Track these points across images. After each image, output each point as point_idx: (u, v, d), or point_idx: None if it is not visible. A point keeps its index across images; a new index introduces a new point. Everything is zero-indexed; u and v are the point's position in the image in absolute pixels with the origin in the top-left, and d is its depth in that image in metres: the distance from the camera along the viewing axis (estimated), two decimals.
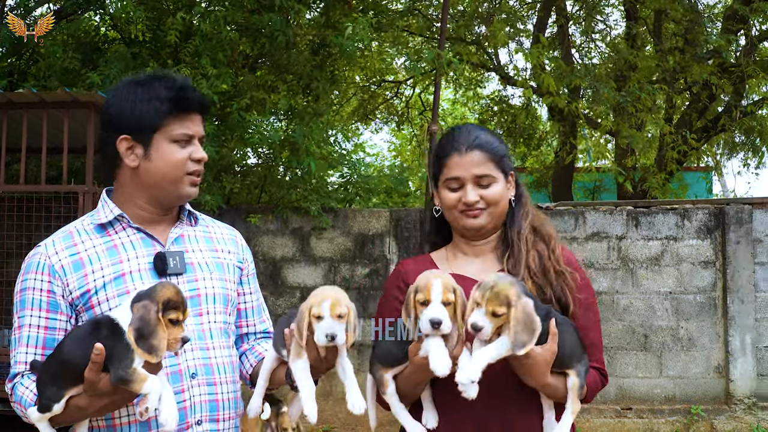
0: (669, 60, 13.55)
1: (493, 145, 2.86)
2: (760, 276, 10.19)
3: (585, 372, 2.57)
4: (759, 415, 9.92)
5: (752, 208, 10.34)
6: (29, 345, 2.57)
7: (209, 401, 2.68)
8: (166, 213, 2.80)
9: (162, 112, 2.64)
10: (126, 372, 2.25)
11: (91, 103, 7.68)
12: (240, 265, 2.99)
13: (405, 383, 2.67)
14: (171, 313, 2.32)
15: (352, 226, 10.31)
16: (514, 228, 2.87)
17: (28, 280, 2.63)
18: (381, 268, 10.19)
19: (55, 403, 2.37)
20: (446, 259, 2.96)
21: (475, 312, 2.41)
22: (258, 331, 3.06)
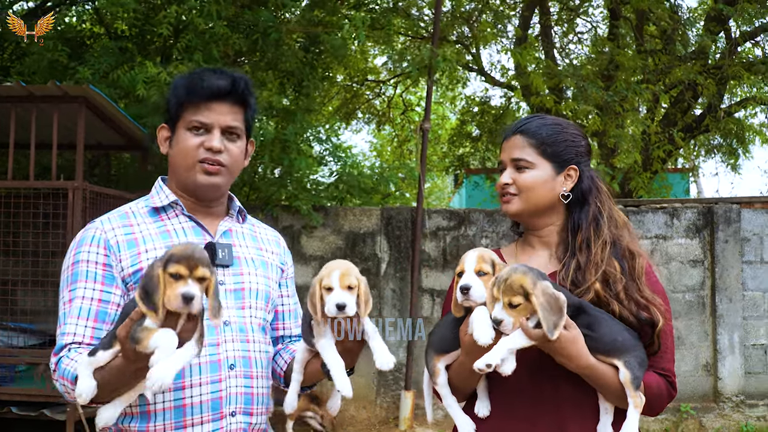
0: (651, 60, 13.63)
1: (540, 131, 2.77)
2: (747, 275, 10.31)
3: (638, 365, 2.49)
4: (747, 413, 10.01)
5: (740, 207, 10.45)
6: (80, 317, 2.51)
7: (245, 393, 2.66)
8: (205, 204, 2.78)
9: (179, 100, 2.68)
10: (135, 330, 2.16)
11: (82, 98, 7.58)
12: (282, 266, 2.99)
13: (458, 372, 2.63)
14: (170, 267, 2.18)
15: (342, 225, 10.27)
16: (570, 227, 2.78)
17: (82, 253, 2.59)
18: (372, 267, 10.16)
19: (103, 349, 2.30)
20: (514, 252, 2.90)
21: (495, 306, 2.38)
22: (293, 334, 3.02)
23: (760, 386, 10.27)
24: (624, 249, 2.71)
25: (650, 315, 2.58)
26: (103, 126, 8.38)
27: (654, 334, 2.59)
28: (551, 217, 2.80)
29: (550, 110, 12.62)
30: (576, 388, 2.57)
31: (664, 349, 2.65)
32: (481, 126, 17.85)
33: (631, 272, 2.66)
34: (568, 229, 2.78)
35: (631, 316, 2.56)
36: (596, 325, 2.48)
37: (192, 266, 2.20)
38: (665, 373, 2.66)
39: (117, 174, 10.98)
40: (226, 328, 2.64)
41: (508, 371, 2.38)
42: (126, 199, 8.70)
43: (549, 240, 2.82)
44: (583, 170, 2.79)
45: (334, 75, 14.53)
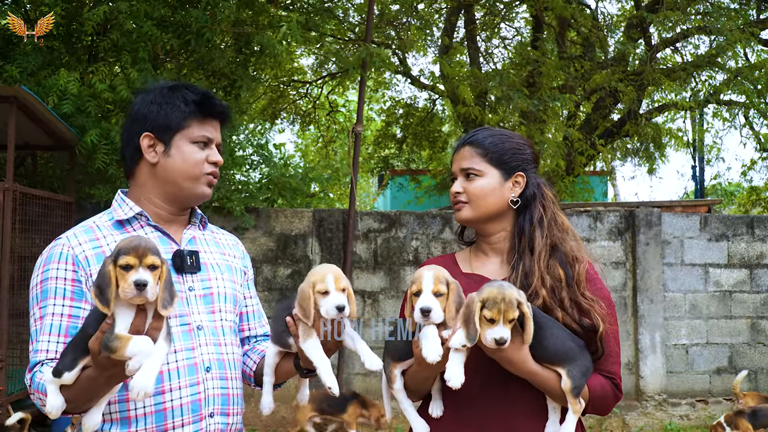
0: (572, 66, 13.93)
1: (487, 141, 2.89)
2: (668, 276, 10.66)
3: (581, 375, 2.59)
4: (669, 411, 10.33)
5: (661, 211, 10.79)
6: (51, 333, 2.54)
7: (222, 395, 2.73)
8: (181, 213, 2.85)
9: (186, 114, 2.73)
10: (108, 338, 2.16)
11: (14, 98, 7.42)
12: (244, 269, 3.07)
13: (412, 378, 2.73)
14: (120, 260, 2.19)
15: (274, 227, 10.27)
16: (515, 232, 2.88)
17: (51, 270, 2.60)
18: (303, 269, 10.16)
19: (67, 370, 2.31)
20: (468, 259, 3.00)
21: (496, 328, 2.44)
22: (259, 334, 3.11)
23: (682, 385, 10.64)
24: (568, 255, 2.81)
25: (592, 321, 2.68)
26: (31, 126, 8.22)
27: (597, 339, 2.68)
28: (501, 223, 2.90)
29: (476, 120, 12.81)
30: (525, 390, 2.67)
31: (609, 352, 2.75)
32: (406, 128, 18.00)
33: (577, 278, 2.76)
34: (514, 234, 2.88)
35: (574, 323, 2.67)
36: (543, 332, 2.57)
37: (141, 254, 2.22)
38: (610, 376, 2.76)
39: (42, 174, 10.76)
40: (200, 332, 2.69)
41: (458, 385, 2.47)
42: (55, 200, 8.59)
43: (500, 246, 2.92)
44: (530, 177, 2.90)
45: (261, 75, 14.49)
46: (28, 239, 8.24)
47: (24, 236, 8.12)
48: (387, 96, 19.48)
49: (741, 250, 10.89)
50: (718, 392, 10.76)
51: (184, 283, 2.71)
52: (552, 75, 13.03)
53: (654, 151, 17.08)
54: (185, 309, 2.69)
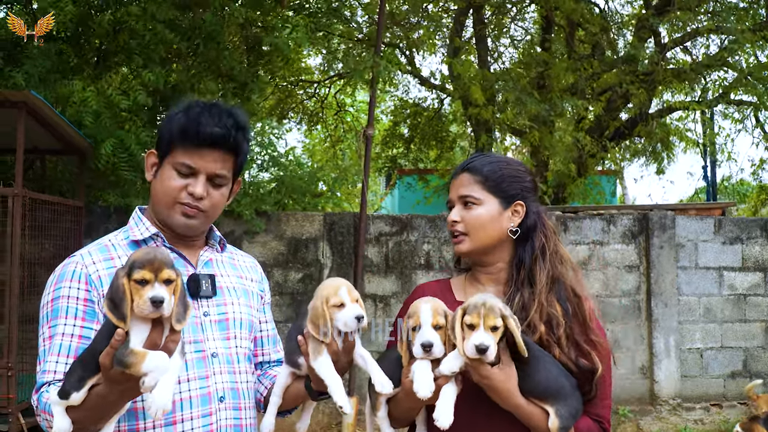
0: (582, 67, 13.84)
1: (486, 168, 2.80)
2: (682, 280, 10.55)
3: (570, 415, 2.50)
4: (684, 416, 10.25)
5: (675, 214, 10.69)
6: (60, 354, 2.44)
7: (234, 426, 2.64)
8: (182, 239, 2.73)
9: (171, 138, 2.62)
10: (122, 353, 2.10)
11: (23, 103, 7.35)
12: (261, 293, 2.98)
13: (397, 407, 2.65)
14: (135, 274, 2.13)
15: (285, 230, 10.19)
16: (514, 263, 2.79)
17: (63, 288, 2.51)
18: (315, 273, 10.09)
19: (75, 390, 2.23)
20: (462, 286, 2.92)
21: (475, 334, 2.38)
22: (272, 360, 3.01)
23: (696, 389, 10.54)
24: (568, 290, 2.72)
25: (590, 362, 2.60)
26: (40, 130, 8.16)
27: (593, 381, 2.61)
28: (500, 253, 2.81)
29: (488, 121, 12.73)
30: (511, 427, 2.58)
31: (602, 396, 2.67)
32: (414, 128, 17.91)
33: (576, 315, 2.67)
34: (513, 265, 2.79)
35: (570, 362, 2.58)
36: (536, 365, 2.49)
37: (157, 269, 2.15)
38: (598, 419, 2.68)
39: (51, 178, 10.68)
40: (214, 360, 2.61)
41: (447, 426, 2.40)
42: (64, 205, 8.51)
43: (497, 276, 2.83)
44: (529, 206, 2.81)
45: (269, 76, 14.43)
46: (37, 245, 8.17)
47: (33, 242, 8.05)
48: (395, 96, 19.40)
49: (755, 253, 10.78)
50: (733, 396, 10.63)
51: (199, 308, 2.63)
52: (561, 76, 12.93)
53: (662, 151, 16.99)
54: (200, 335, 2.60)
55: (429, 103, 18.35)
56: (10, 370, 7.28)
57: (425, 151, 19.37)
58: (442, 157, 18.80)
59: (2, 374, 7.32)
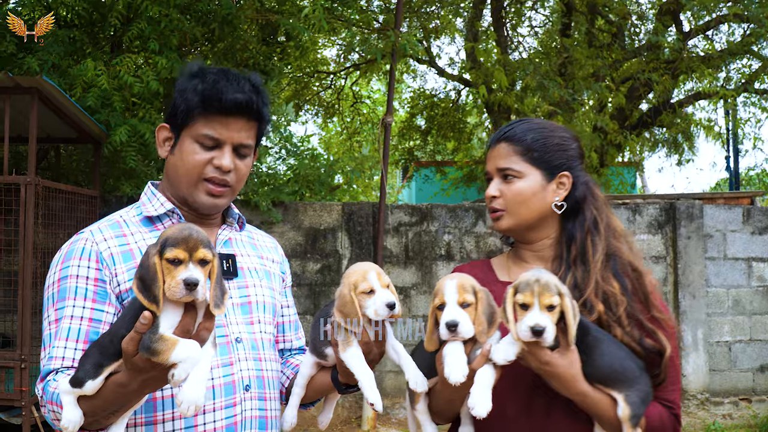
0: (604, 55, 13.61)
1: (527, 137, 2.56)
2: (711, 271, 10.32)
3: (641, 402, 2.27)
4: (712, 411, 10.03)
5: (702, 203, 10.44)
6: (69, 339, 2.23)
7: (259, 417, 2.44)
8: (199, 217, 2.53)
9: (191, 108, 2.40)
10: (150, 339, 1.89)
11: (35, 89, 7.23)
12: (282, 275, 2.79)
13: (436, 399, 2.43)
14: (168, 252, 1.93)
15: (303, 221, 10.03)
16: (564, 239, 2.56)
17: (71, 267, 2.31)
18: (333, 264, 9.93)
19: (90, 378, 2.03)
20: (506, 266, 2.70)
21: (529, 314, 2.14)
22: (294, 347, 2.83)
23: (725, 383, 10.31)
24: (625, 265, 2.49)
25: (656, 342, 2.37)
26: (54, 118, 8.02)
27: (661, 364, 2.38)
28: (545, 229, 2.59)
29: (510, 108, 12.50)
30: (569, 419, 2.37)
31: (671, 380, 2.44)
32: (431, 119, 17.70)
33: (636, 292, 2.44)
34: (562, 242, 2.56)
35: (633, 342, 2.35)
36: (599, 348, 2.27)
37: (192, 248, 1.95)
38: (670, 405, 2.44)
39: (66, 167, 10.56)
40: (239, 346, 2.41)
41: (484, 414, 2.16)
42: (79, 194, 8.36)
43: (543, 254, 2.61)
44: (577, 176, 2.57)
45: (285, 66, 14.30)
46: (51, 234, 8.02)
47: (47, 231, 7.91)
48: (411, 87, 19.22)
49: None
50: (762, 390, 10.40)
51: None
52: (583, 63, 12.68)
53: (683, 142, 16.72)
54: (222, 319, 2.39)
55: (446, 94, 18.14)
56: (23, 362, 7.16)
57: (442, 143, 19.15)
58: (459, 149, 18.57)
59: (15, 366, 7.21)
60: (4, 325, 8.52)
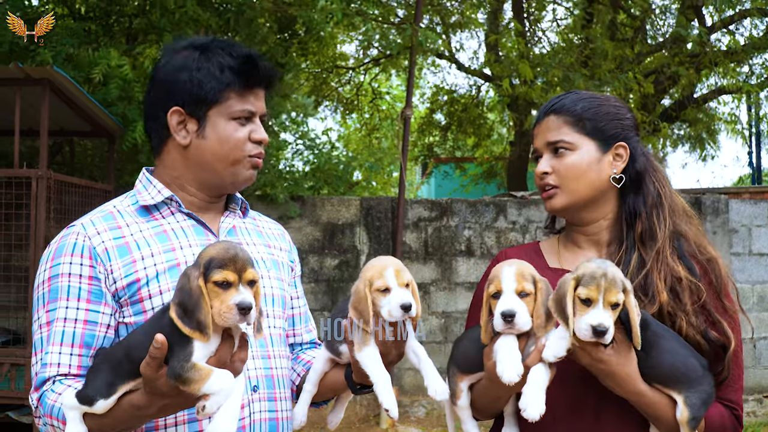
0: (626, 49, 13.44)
1: (578, 106, 2.38)
2: (736, 267, 10.17)
3: (701, 404, 2.11)
4: None
5: (728, 198, 10.28)
6: (63, 343, 2.09)
7: (269, 419, 2.29)
8: (217, 200, 2.40)
9: (223, 85, 2.26)
10: (182, 367, 1.77)
11: (46, 80, 7.14)
12: (291, 264, 2.63)
13: (480, 395, 2.28)
14: (215, 274, 1.80)
15: (320, 215, 9.94)
16: (623, 217, 2.38)
17: (62, 265, 2.15)
18: (351, 259, 9.85)
19: (102, 397, 1.89)
20: (556, 250, 2.51)
21: (592, 312, 1.97)
22: (305, 341, 2.67)
23: (749, 381, 10.14)
24: (693, 247, 2.31)
25: (721, 334, 2.20)
26: (66, 111, 7.93)
27: (725, 360, 2.21)
28: (602, 208, 2.40)
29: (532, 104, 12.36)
30: (621, 419, 2.21)
31: (734, 377, 2.26)
32: (450, 115, 17.57)
33: (706, 276, 2.26)
34: (622, 221, 2.37)
35: (697, 335, 2.18)
36: (659, 345, 2.10)
37: (240, 269, 1.82)
38: (732, 405, 2.27)
39: (80, 162, 10.50)
40: None
41: (537, 417, 2.01)
42: (94, 188, 8.28)
43: (599, 238, 2.42)
44: (634, 147, 2.38)
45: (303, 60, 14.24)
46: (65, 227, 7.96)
47: (60, 226, 7.80)
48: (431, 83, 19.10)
49: None
50: None
51: None
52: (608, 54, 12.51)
53: (706, 138, 16.51)
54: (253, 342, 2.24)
55: (466, 90, 18.00)
56: None
57: (462, 139, 19.01)
58: (479, 145, 18.42)
59: (26, 364, 7.13)
60: (16, 322, 8.49)
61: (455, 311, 9.90)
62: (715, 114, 16.00)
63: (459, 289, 10.00)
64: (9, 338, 7.97)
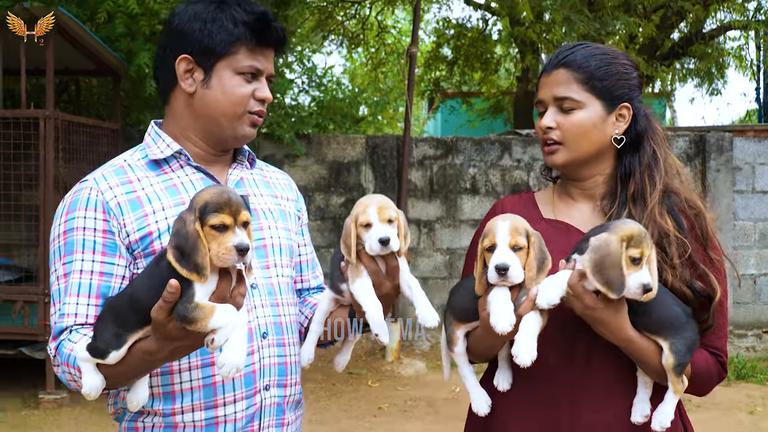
0: None
1: (588, 63, 2.38)
2: (739, 204, 10.25)
3: (686, 350, 2.19)
4: (736, 343, 10.07)
5: (732, 135, 10.29)
6: (80, 294, 2.16)
7: (278, 364, 2.37)
8: (222, 153, 2.45)
9: (234, 38, 2.29)
10: (186, 308, 1.83)
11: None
12: (298, 213, 2.68)
13: (476, 343, 2.36)
14: (211, 218, 1.86)
15: (326, 154, 10.03)
16: (619, 175, 2.42)
17: (77, 219, 2.21)
18: (357, 197, 9.75)
19: (113, 349, 1.97)
20: (551, 201, 2.55)
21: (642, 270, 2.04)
22: (312, 287, 2.73)
23: (749, 316, 10.35)
24: (682, 202, 2.36)
25: (707, 285, 2.26)
26: (71, 50, 7.97)
27: (710, 309, 2.27)
28: (600, 165, 2.44)
29: (534, 43, 12.29)
30: (610, 364, 2.29)
31: (719, 325, 2.33)
32: (457, 49, 17.44)
33: (693, 229, 2.33)
34: (617, 177, 2.42)
35: (683, 286, 2.24)
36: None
37: (235, 211, 1.88)
38: (717, 352, 2.34)
39: (86, 99, 10.54)
40: (254, 291, 2.33)
41: (528, 362, 2.09)
42: (101, 128, 8.35)
43: (593, 192, 2.47)
44: (637, 108, 2.40)
45: None
46: (74, 168, 8.03)
47: (69, 165, 7.92)
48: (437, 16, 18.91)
49: None
50: None
51: None
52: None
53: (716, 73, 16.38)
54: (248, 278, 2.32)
55: (473, 24, 17.84)
56: (46, 296, 7.23)
57: (469, 74, 18.90)
58: (486, 80, 18.33)
59: (39, 301, 7.29)
60: (28, 260, 8.64)
61: (459, 248, 10.02)
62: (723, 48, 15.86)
63: (463, 226, 10.12)
64: (21, 275, 8.12)
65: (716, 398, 8.22)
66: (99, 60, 8.34)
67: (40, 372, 7.62)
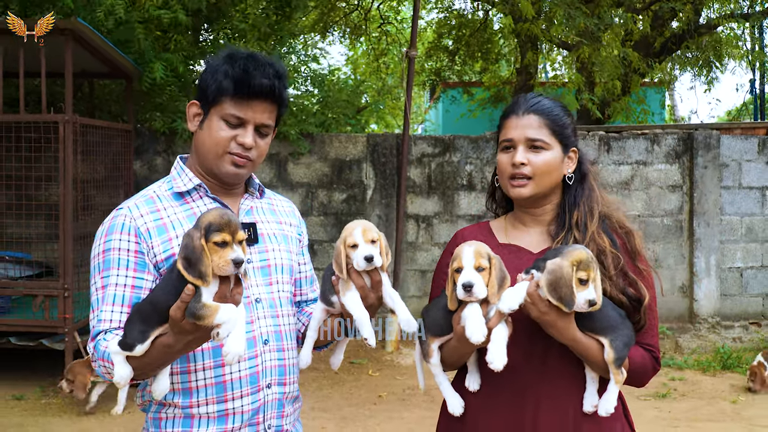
0: None
1: (554, 112, 2.82)
2: (726, 200, 10.57)
3: (623, 346, 2.61)
4: (722, 334, 10.37)
5: (720, 133, 10.60)
6: (115, 303, 2.60)
7: (278, 366, 2.79)
8: (228, 186, 2.85)
9: (222, 90, 2.67)
10: (196, 307, 2.26)
11: (69, 30, 7.53)
12: (299, 237, 3.09)
13: (450, 354, 2.75)
14: (214, 236, 2.29)
15: (329, 152, 10.34)
16: (565, 206, 2.85)
17: (113, 241, 2.64)
18: (358, 194, 10.29)
19: (139, 342, 2.41)
20: (504, 228, 2.96)
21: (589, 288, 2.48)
22: (309, 299, 3.15)
23: (735, 308, 10.68)
24: (614, 224, 2.81)
25: (637, 291, 2.69)
26: (86, 55, 8.30)
27: (641, 311, 2.70)
28: (552, 197, 2.86)
29: (537, 37, 12.54)
30: (564, 361, 2.70)
31: (650, 325, 2.76)
32: (458, 40, 17.67)
33: (624, 246, 2.76)
34: (564, 207, 2.85)
35: (619, 294, 2.67)
36: None
37: (233, 231, 2.31)
38: (650, 348, 2.78)
39: (100, 98, 10.87)
40: (258, 305, 2.75)
41: (501, 367, 2.49)
42: (114, 129, 8.71)
43: (543, 218, 2.89)
44: (582, 152, 2.88)
45: None
46: (89, 166, 8.43)
47: (85, 164, 8.30)
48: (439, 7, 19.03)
49: None
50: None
51: None
52: None
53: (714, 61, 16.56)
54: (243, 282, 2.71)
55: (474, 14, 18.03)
56: (66, 291, 7.58)
57: (470, 64, 19.13)
58: (487, 70, 18.58)
59: (59, 295, 7.62)
60: (45, 255, 9.01)
61: None
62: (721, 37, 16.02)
63: (460, 221, 10.44)
64: (42, 271, 8.47)
65: (701, 387, 8.59)
66: (113, 64, 8.66)
67: (59, 363, 7.90)
